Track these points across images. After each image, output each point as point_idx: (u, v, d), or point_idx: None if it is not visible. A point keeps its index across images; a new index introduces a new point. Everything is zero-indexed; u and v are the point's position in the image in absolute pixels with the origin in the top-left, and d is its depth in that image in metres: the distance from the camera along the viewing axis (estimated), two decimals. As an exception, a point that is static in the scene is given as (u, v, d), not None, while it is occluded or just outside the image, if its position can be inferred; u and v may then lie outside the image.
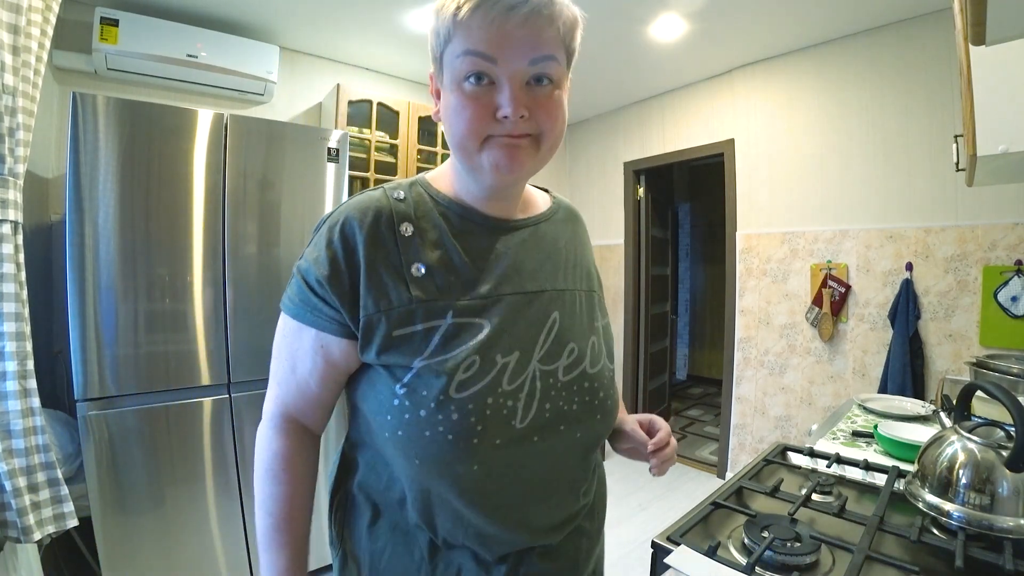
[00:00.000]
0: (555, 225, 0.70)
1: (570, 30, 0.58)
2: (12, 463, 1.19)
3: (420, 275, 0.57)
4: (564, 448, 0.60)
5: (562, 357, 0.61)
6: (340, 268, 0.56)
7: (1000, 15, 0.57)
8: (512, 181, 0.59)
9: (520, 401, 0.56)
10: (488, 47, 0.51)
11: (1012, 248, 1.90)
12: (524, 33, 0.52)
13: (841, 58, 2.37)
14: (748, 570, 0.66)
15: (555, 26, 0.55)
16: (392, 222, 0.58)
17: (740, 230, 2.80)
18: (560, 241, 0.69)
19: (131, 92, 2.14)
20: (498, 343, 0.57)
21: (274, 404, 0.66)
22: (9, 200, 1.20)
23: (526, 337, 0.59)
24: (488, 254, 0.61)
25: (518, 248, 0.63)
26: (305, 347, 0.61)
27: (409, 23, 2.29)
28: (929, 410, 1.43)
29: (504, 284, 0.60)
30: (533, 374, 0.58)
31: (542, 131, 0.56)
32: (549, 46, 0.54)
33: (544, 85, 0.55)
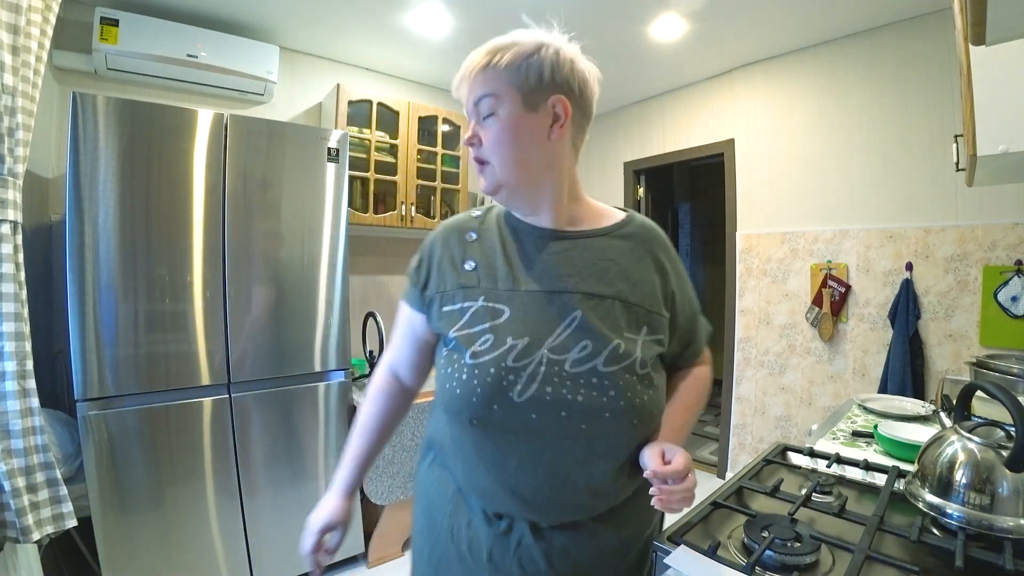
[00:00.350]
0: (613, 240, 0.77)
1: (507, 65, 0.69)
2: (11, 463, 1.19)
3: (469, 269, 0.75)
4: (565, 435, 0.67)
5: (573, 351, 0.67)
6: (423, 263, 0.80)
7: (1000, 15, 0.57)
8: (493, 195, 0.74)
9: (521, 379, 0.66)
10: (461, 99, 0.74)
11: (1012, 248, 1.90)
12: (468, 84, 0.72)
13: (841, 58, 2.37)
14: (748, 570, 0.66)
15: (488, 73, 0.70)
16: (462, 232, 0.79)
17: (740, 230, 2.80)
18: (611, 253, 0.75)
19: (131, 92, 2.14)
20: (511, 327, 0.69)
21: (385, 357, 0.91)
22: (9, 200, 1.20)
23: (540, 327, 0.69)
24: (528, 257, 0.74)
25: (558, 254, 0.74)
26: (403, 318, 0.84)
27: (409, 23, 2.29)
28: (929, 410, 1.43)
29: (531, 282, 0.72)
30: (540, 359, 0.67)
31: (486, 155, 0.72)
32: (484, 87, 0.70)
33: (488, 117, 0.70)
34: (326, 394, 1.94)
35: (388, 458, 1.97)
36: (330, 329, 1.94)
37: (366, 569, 2.03)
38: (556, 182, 0.74)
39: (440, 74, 2.92)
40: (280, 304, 1.82)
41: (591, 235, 0.76)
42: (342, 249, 1.96)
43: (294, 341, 1.86)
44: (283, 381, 1.84)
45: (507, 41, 0.71)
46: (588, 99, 0.74)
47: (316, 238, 1.90)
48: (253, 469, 1.78)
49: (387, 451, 1.97)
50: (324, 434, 1.93)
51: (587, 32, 2.31)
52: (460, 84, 0.74)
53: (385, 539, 2.09)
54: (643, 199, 3.45)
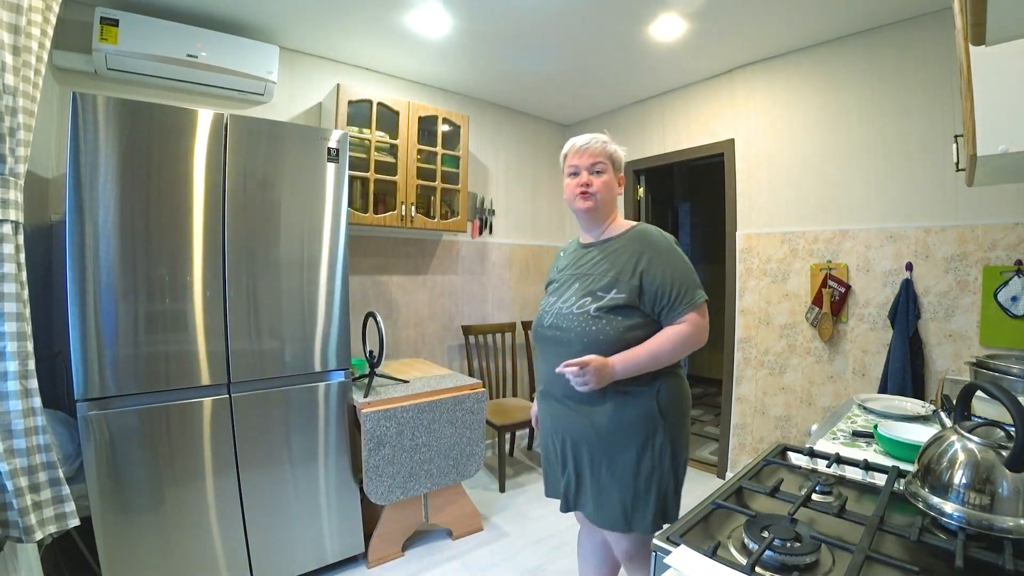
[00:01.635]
0: (621, 241, 1.35)
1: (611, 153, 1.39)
2: (13, 463, 1.19)
3: (556, 268, 1.48)
4: (556, 347, 1.31)
5: (566, 304, 1.32)
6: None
7: (1000, 15, 0.57)
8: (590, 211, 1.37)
9: (546, 316, 1.36)
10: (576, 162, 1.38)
11: (1012, 248, 1.90)
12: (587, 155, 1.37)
13: (841, 58, 2.37)
14: (748, 570, 0.66)
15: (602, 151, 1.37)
16: (562, 251, 1.53)
17: (740, 230, 2.80)
18: (615, 250, 1.34)
19: (131, 92, 2.14)
20: (552, 292, 1.41)
21: None
22: (10, 200, 1.20)
23: (560, 292, 1.37)
24: (574, 260, 1.42)
25: (586, 256, 1.39)
26: None
27: (409, 23, 2.29)
28: (929, 410, 1.43)
29: (568, 271, 1.40)
30: (556, 307, 1.35)
31: (595, 191, 1.35)
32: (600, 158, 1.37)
33: (599, 173, 1.36)
34: (326, 394, 1.94)
35: (388, 458, 1.98)
36: (330, 329, 1.94)
37: (366, 569, 2.03)
38: (614, 210, 1.42)
39: (440, 74, 2.92)
40: (280, 304, 1.82)
41: (607, 241, 1.37)
42: (342, 249, 1.96)
43: (294, 341, 1.86)
44: (283, 381, 1.85)
45: (607, 138, 1.40)
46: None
47: (316, 238, 1.90)
48: (253, 469, 1.78)
49: (387, 451, 1.97)
50: (324, 434, 1.93)
51: (588, 32, 2.34)
52: (584, 150, 1.37)
53: (385, 539, 2.09)
54: (643, 199, 3.45)
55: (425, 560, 2.12)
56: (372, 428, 1.93)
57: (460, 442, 2.20)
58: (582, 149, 1.36)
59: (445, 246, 3.18)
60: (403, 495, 2.04)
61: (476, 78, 2.97)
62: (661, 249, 1.29)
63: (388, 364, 2.71)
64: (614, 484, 1.26)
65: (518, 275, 3.59)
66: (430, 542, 2.25)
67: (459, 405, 2.18)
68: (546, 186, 3.78)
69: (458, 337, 3.24)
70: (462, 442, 2.21)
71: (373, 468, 1.95)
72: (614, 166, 1.38)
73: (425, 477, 2.10)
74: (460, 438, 2.20)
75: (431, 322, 3.13)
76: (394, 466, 2.00)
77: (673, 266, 1.28)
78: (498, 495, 2.73)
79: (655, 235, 1.33)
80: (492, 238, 3.42)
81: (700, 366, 5.57)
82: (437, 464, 2.13)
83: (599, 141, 1.36)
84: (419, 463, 2.08)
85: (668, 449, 1.26)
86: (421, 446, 2.08)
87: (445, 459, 2.16)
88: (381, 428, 1.95)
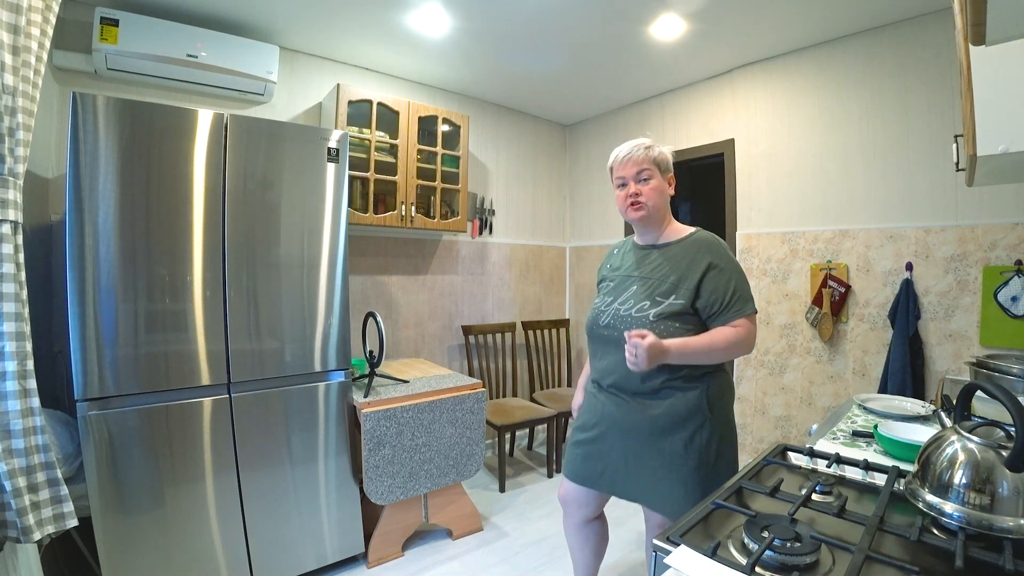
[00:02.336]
0: (681, 247, 1.39)
1: (655, 158, 1.40)
2: (12, 463, 1.19)
3: (609, 266, 1.54)
4: (617, 345, 1.32)
5: (625, 305, 1.38)
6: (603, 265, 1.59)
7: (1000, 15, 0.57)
8: (644, 219, 1.40)
9: (603, 315, 1.42)
10: (622, 173, 1.41)
11: (1012, 248, 1.90)
12: (631, 165, 1.38)
13: (841, 58, 2.37)
14: (748, 570, 0.66)
15: (646, 158, 1.38)
16: (615, 249, 1.59)
17: (740, 230, 2.80)
18: (675, 255, 1.38)
19: (131, 92, 2.14)
20: (607, 291, 1.46)
21: None
22: (9, 200, 1.20)
23: (617, 292, 1.43)
24: (632, 260, 1.46)
25: (644, 258, 1.43)
26: None
27: (409, 23, 2.29)
28: (929, 410, 1.43)
29: (624, 271, 1.46)
30: (613, 308, 1.40)
31: (645, 200, 1.38)
32: (644, 165, 1.38)
33: (646, 181, 1.38)
34: (326, 394, 1.94)
35: (388, 458, 1.98)
36: (330, 329, 1.94)
37: (366, 569, 2.03)
38: (667, 212, 1.45)
39: (440, 74, 2.92)
40: (280, 304, 1.82)
41: (666, 245, 1.41)
42: (342, 249, 1.96)
43: (294, 341, 1.86)
44: (283, 381, 1.85)
45: (649, 142, 1.40)
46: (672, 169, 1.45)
47: (316, 238, 1.90)
48: (253, 469, 1.78)
49: (387, 451, 1.97)
50: (324, 434, 1.93)
51: (588, 32, 2.34)
52: (627, 160, 1.39)
53: (385, 539, 2.09)
54: (643, 199, 3.44)
55: (425, 560, 2.12)
56: (372, 428, 1.93)
57: (460, 442, 2.20)
58: (625, 160, 1.38)
59: (445, 246, 3.18)
60: (403, 495, 2.04)
61: (476, 78, 2.97)
62: (723, 258, 1.34)
63: (388, 364, 2.71)
64: (665, 472, 1.32)
65: (518, 275, 3.59)
66: (430, 542, 2.25)
67: (459, 405, 2.18)
68: (546, 186, 3.78)
69: (458, 337, 3.24)
70: (462, 442, 2.21)
71: (373, 468, 1.95)
72: (661, 169, 1.39)
73: (425, 477, 2.10)
74: (460, 438, 2.20)
75: (431, 322, 3.13)
76: (394, 466, 2.00)
77: (731, 276, 1.33)
78: (498, 495, 2.73)
79: (717, 244, 1.37)
80: (492, 238, 3.42)
81: (700, 366, 5.56)
82: (437, 464, 2.13)
83: (641, 148, 1.38)
84: (419, 463, 2.07)
85: (716, 441, 1.33)
86: (421, 446, 2.07)
87: (445, 459, 2.15)
88: (381, 428, 1.95)
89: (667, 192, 1.41)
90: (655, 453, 1.34)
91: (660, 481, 1.34)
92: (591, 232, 3.74)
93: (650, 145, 1.39)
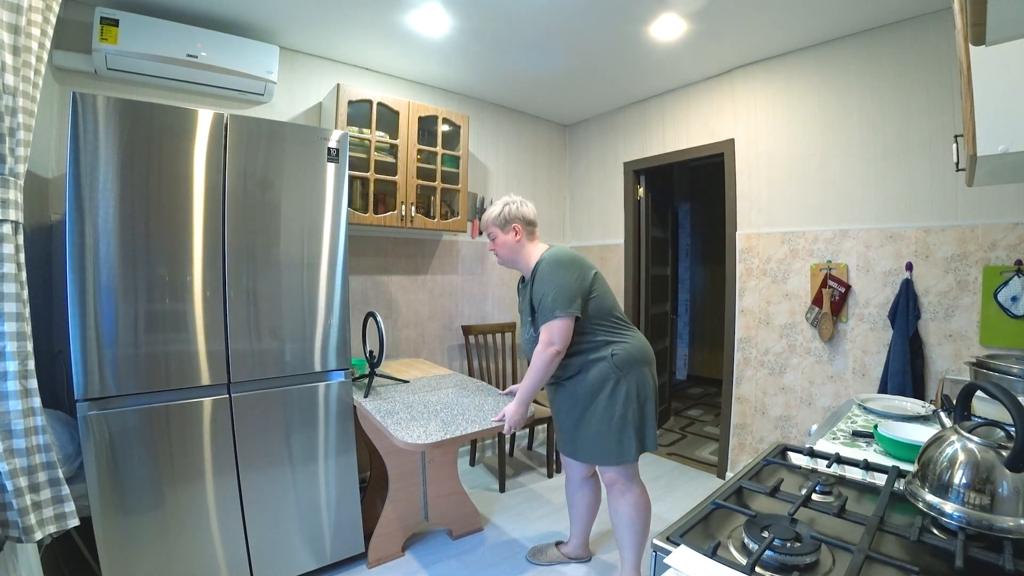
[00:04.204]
0: (533, 277, 1.73)
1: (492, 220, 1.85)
2: (13, 463, 1.19)
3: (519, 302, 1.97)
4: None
5: (522, 334, 1.84)
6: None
7: (1000, 15, 0.57)
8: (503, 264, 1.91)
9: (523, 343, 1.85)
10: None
11: (1012, 248, 1.90)
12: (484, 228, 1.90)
13: (841, 58, 2.37)
14: (748, 570, 0.66)
15: (487, 222, 1.86)
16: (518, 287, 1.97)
17: (740, 230, 2.80)
18: (531, 284, 1.73)
19: (131, 92, 2.14)
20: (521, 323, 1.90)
21: None
22: (9, 200, 1.20)
23: (521, 325, 1.85)
24: (520, 298, 1.88)
25: (522, 293, 1.85)
26: None
27: (409, 23, 2.29)
28: (929, 410, 1.43)
29: (519, 307, 1.89)
30: (523, 339, 1.85)
31: (498, 254, 1.87)
32: (488, 228, 1.87)
33: (493, 239, 1.86)
34: (326, 394, 1.94)
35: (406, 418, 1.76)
36: (330, 329, 1.94)
37: (366, 569, 2.03)
38: (523, 252, 1.82)
39: (440, 74, 2.92)
40: (280, 304, 1.82)
41: (531, 278, 1.74)
42: (342, 249, 1.96)
43: (294, 341, 1.86)
44: (283, 381, 1.85)
45: (492, 208, 1.83)
46: (528, 216, 1.83)
47: (316, 238, 1.90)
48: (253, 469, 1.78)
49: (403, 414, 1.79)
50: (324, 434, 1.93)
51: (588, 32, 2.34)
52: (482, 225, 1.87)
53: (385, 539, 2.09)
54: (643, 199, 3.45)
55: (425, 560, 2.12)
56: (377, 407, 1.86)
57: (485, 404, 1.95)
58: (481, 224, 1.90)
59: (445, 246, 3.18)
60: (447, 434, 1.61)
61: (476, 78, 2.97)
62: (543, 274, 1.68)
63: (388, 364, 2.71)
64: (597, 430, 1.68)
65: (518, 275, 3.58)
66: (430, 542, 2.25)
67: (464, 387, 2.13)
68: (546, 186, 3.78)
69: (458, 337, 3.24)
70: (486, 405, 1.94)
71: (395, 425, 1.68)
72: (500, 226, 1.80)
73: (464, 422, 1.72)
74: (483, 403, 1.96)
75: (431, 322, 3.13)
76: (417, 421, 1.72)
77: (545, 289, 1.65)
78: (498, 495, 2.73)
79: (543, 264, 1.70)
80: (492, 238, 3.41)
81: (700, 366, 5.57)
82: (470, 418, 1.78)
83: (484, 219, 1.85)
84: (450, 416, 1.78)
85: (633, 393, 1.66)
86: (440, 408, 1.87)
87: (479, 411, 1.86)
88: (387, 404, 1.89)
89: (512, 242, 1.79)
90: (586, 419, 1.70)
91: (596, 441, 1.69)
92: (591, 232, 3.74)
93: (493, 213, 1.81)
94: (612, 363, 1.66)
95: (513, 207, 1.80)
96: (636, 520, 1.76)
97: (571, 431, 1.76)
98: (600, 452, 1.69)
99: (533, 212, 1.85)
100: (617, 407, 1.65)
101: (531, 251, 1.80)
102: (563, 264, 1.68)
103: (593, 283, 1.71)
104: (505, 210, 1.79)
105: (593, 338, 1.69)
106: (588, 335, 1.69)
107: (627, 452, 1.67)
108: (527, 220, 1.81)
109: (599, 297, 1.71)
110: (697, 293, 5.60)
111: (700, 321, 5.57)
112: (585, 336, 1.69)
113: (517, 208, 1.80)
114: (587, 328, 1.69)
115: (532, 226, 1.83)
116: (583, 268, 1.71)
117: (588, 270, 1.72)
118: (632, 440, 1.66)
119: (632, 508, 1.75)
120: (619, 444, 1.66)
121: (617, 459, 1.68)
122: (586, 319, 1.68)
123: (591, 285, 1.70)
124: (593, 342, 1.69)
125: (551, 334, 1.64)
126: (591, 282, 1.70)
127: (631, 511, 1.75)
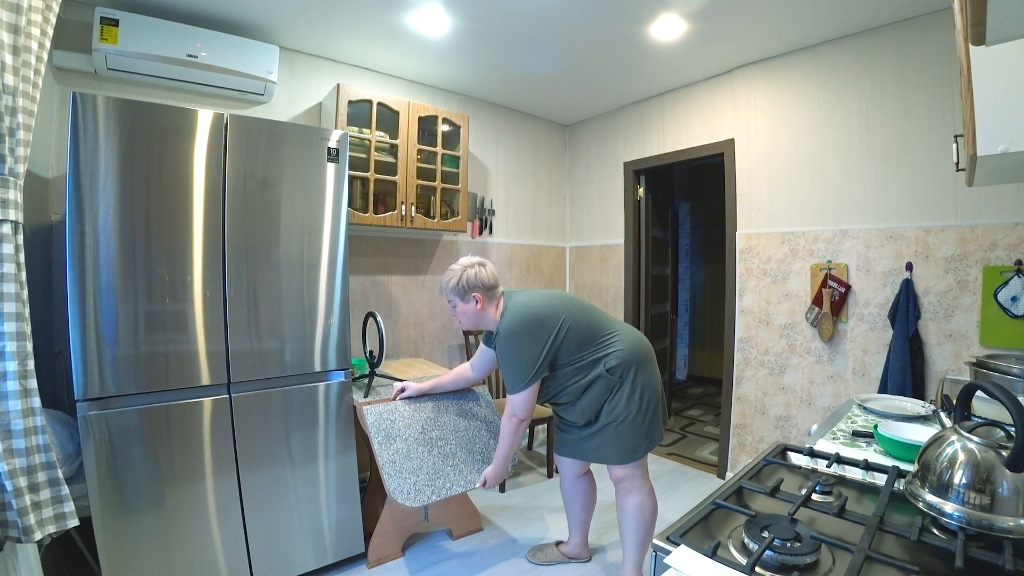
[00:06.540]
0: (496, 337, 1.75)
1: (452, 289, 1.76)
2: (13, 463, 1.19)
3: None
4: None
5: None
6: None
7: (1000, 15, 0.57)
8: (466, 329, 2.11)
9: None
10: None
11: (1012, 248, 1.90)
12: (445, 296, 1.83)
13: (841, 58, 2.37)
14: (748, 570, 0.66)
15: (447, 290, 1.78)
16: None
17: (740, 230, 2.80)
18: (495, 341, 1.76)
19: (131, 92, 2.14)
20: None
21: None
22: (9, 200, 1.20)
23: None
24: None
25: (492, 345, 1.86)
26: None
27: (409, 23, 2.29)
28: (929, 410, 1.43)
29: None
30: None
31: (461, 321, 1.81)
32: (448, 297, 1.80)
33: (454, 307, 1.80)
34: (326, 394, 1.94)
35: (403, 452, 1.86)
36: (330, 329, 1.94)
37: (366, 569, 2.03)
38: (486, 313, 1.76)
39: (440, 74, 2.92)
40: (280, 304, 1.82)
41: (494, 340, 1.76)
42: (342, 249, 1.96)
43: (294, 341, 1.86)
44: (283, 381, 1.85)
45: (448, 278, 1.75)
46: (487, 282, 1.75)
47: (316, 238, 1.90)
48: (253, 469, 1.78)
49: (399, 445, 1.86)
50: (324, 434, 1.93)
51: (588, 32, 2.34)
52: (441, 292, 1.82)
53: (385, 539, 2.09)
54: (643, 199, 3.45)
55: (425, 560, 2.12)
56: (376, 421, 1.88)
57: (481, 434, 2.05)
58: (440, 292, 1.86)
59: (445, 246, 3.18)
60: (434, 495, 1.80)
61: (476, 78, 2.97)
62: (501, 348, 1.71)
63: (388, 364, 2.70)
64: (604, 434, 1.72)
65: (518, 275, 3.59)
66: (430, 542, 2.25)
67: (462, 398, 2.14)
68: (546, 186, 3.78)
69: (458, 337, 3.24)
70: (483, 434, 2.05)
71: (389, 463, 1.79)
72: (462, 295, 1.74)
73: (454, 474, 1.88)
74: (480, 430, 2.06)
75: (431, 322, 3.13)
76: (412, 461, 1.84)
77: (506, 363, 1.70)
78: (498, 495, 2.73)
79: (499, 336, 1.70)
80: (492, 238, 3.42)
81: (700, 366, 5.57)
82: (463, 459, 1.93)
83: (442, 286, 1.79)
84: (441, 458, 1.89)
85: (636, 393, 1.68)
86: (437, 440, 1.94)
87: (470, 453, 1.97)
88: (386, 422, 1.89)
89: (473, 308, 1.74)
90: (599, 428, 1.73)
91: (609, 445, 1.72)
92: (591, 232, 3.74)
93: (449, 281, 1.75)
94: (607, 374, 1.67)
95: (471, 273, 1.72)
96: (642, 519, 1.76)
97: (576, 439, 1.79)
98: (609, 453, 1.72)
99: (492, 275, 1.76)
100: (621, 410, 1.67)
101: (493, 313, 1.76)
102: (517, 336, 1.64)
103: (558, 334, 1.65)
104: (464, 279, 1.71)
105: (581, 364, 1.69)
106: (575, 365, 1.70)
107: (636, 451, 1.70)
108: (487, 287, 1.74)
109: (570, 340, 1.67)
110: (697, 293, 5.60)
111: (700, 321, 5.57)
112: (572, 367, 1.70)
113: (475, 275, 1.72)
114: (571, 361, 1.69)
115: (492, 290, 1.76)
116: (541, 328, 1.64)
117: (550, 329, 1.65)
118: (641, 438, 1.69)
119: (639, 507, 1.76)
120: (628, 444, 1.69)
121: (626, 458, 1.71)
122: (565, 361, 1.69)
123: (556, 339, 1.65)
124: (582, 368, 1.69)
125: (513, 407, 1.70)
126: (554, 337, 1.65)
127: (638, 510, 1.76)
